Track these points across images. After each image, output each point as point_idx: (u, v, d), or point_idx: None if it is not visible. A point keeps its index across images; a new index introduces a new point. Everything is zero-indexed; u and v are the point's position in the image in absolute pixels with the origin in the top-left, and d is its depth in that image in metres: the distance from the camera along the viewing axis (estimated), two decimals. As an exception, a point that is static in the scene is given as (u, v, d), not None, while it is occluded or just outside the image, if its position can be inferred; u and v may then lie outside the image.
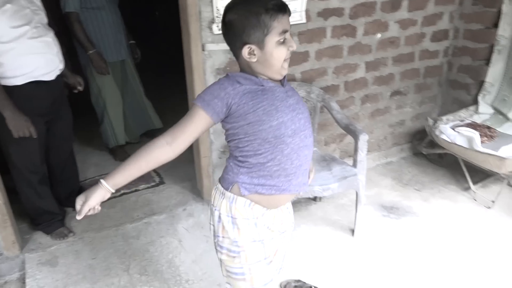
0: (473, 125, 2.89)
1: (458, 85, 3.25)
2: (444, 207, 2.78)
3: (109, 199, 1.30)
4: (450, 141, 2.74)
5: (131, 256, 2.32)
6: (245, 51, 1.22)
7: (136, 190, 2.90)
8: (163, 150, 1.22)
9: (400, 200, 2.88)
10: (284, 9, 1.20)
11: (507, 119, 2.91)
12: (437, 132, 2.86)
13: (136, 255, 2.32)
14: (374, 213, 2.75)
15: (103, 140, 3.43)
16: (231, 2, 1.23)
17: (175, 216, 2.61)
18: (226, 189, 1.34)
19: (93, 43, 3.02)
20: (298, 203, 2.84)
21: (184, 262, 2.27)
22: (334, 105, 2.63)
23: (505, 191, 2.81)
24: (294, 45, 1.25)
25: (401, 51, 3.01)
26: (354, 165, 2.40)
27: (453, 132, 2.76)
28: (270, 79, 1.28)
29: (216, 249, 1.43)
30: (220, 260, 1.43)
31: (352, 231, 2.54)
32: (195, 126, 1.23)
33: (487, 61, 3.01)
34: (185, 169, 3.15)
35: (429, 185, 3.03)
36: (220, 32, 2.31)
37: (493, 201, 2.72)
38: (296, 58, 2.63)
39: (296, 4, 2.47)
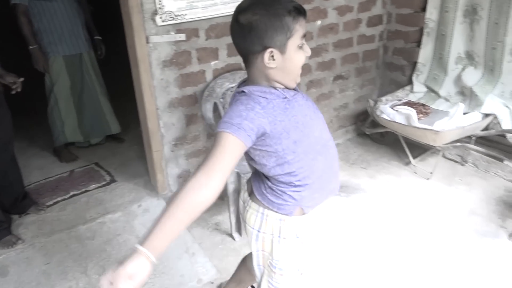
0: (410, 103, 3.10)
1: (394, 67, 3.46)
2: (388, 181, 2.97)
3: (57, 202, 1.14)
4: (390, 119, 2.92)
5: (87, 258, 2.26)
6: (266, 55, 1.13)
7: (86, 191, 2.81)
8: (200, 194, 1.01)
9: (349, 179, 3.03)
10: (304, 12, 1.15)
11: (439, 96, 3.15)
12: (378, 112, 3.03)
13: (93, 256, 2.27)
14: (326, 193, 2.87)
15: (53, 136, 3.24)
16: (243, 2, 1.15)
17: (130, 213, 2.57)
18: (288, 214, 1.26)
19: (37, 39, 2.95)
20: (253, 190, 2.90)
21: (144, 257, 2.25)
22: (281, 92, 2.70)
23: (441, 163, 3.06)
24: (309, 51, 1.19)
25: (340, 37, 3.15)
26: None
27: (392, 111, 2.94)
28: (286, 88, 1.21)
29: (267, 271, 1.39)
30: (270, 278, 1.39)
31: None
32: (229, 157, 1.06)
33: (418, 43, 3.23)
34: (136, 165, 3.10)
35: (374, 163, 3.22)
36: (165, 23, 2.31)
37: (431, 173, 2.95)
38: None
39: (238, -6, 2.50)
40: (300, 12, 1.13)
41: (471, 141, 2.93)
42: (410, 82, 3.33)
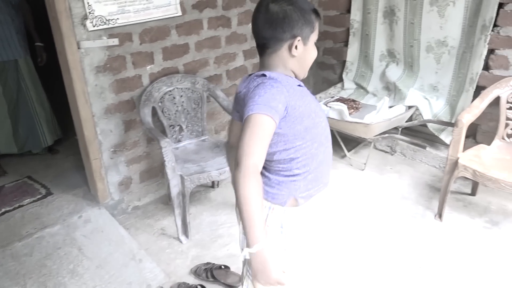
0: (341, 100, 3.29)
1: (325, 66, 3.65)
2: (326, 174, 3.12)
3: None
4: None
5: (25, 275, 2.14)
6: (294, 43, 1.19)
7: (20, 206, 2.65)
8: (258, 179, 1.08)
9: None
10: (320, 16, 1.27)
11: (367, 91, 3.37)
12: (313, 109, 3.18)
13: (32, 273, 2.16)
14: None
15: None
16: None
17: (70, 225, 2.48)
18: (281, 204, 1.27)
19: None
20: (197, 193, 2.92)
21: (88, 269, 2.18)
22: (220, 94, 2.75)
23: (373, 154, 3.27)
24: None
25: (273, 39, 3.26)
26: (245, 147, 2.55)
27: (325, 108, 3.10)
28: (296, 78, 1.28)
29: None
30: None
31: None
32: (268, 138, 1.11)
33: (346, 43, 3.44)
34: (74, 176, 2.98)
35: (312, 158, 3.36)
36: (96, 28, 2.26)
37: (364, 164, 3.15)
38: (177, 51, 2.67)
39: (170, -2, 2.51)
40: (317, 13, 1.25)
41: (398, 132, 3.17)
42: (341, 79, 3.53)
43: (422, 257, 2.26)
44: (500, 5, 2.52)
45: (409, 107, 3.03)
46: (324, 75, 3.69)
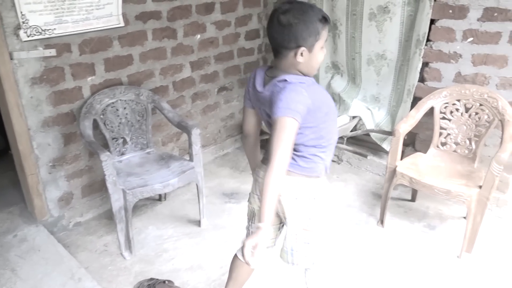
0: (289, 111, 3.34)
1: (274, 78, 3.70)
2: (275, 185, 3.15)
3: None
4: (272, 126, 3.11)
5: (-49, 301, 2.00)
6: (298, 52, 1.36)
7: None
8: (283, 175, 1.33)
9: (239, 186, 3.14)
10: (329, 21, 1.40)
11: (314, 102, 3.45)
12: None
13: (-42, 298, 2.02)
14: (217, 201, 2.95)
15: None
16: (285, 5, 1.36)
17: (4, 245, 2.34)
18: (317, 176, 1.54)
19: None
20: (143, 206, 2.85)
21: (22, 291, 2.07)
22: (165, 105, 2.72)
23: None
24: (325, 51, 1.45)
25: (221, 50, 3.28)
26: (191, 159, 2.53)
27: (273, 118, 3.14)
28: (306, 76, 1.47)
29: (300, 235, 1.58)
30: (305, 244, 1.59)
31: (199, 222, 2.68)
32: (293, 137, 1.34)
33: (293, 55, 3.51)
34: (10, 193, 2.83)
35: (262, 168, 3.38)
36: (31, 38, 2.18)
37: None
38: (120, 62, 2.62)
39: (111, 8, 2.46)
40: (326, 20, 1.39)
41: (343, 142, 3.27)
42: (288, 91, 3.59)
43: (365, 262, 2.33)
44: (432, 21, 2.67)
45: (353, 117, 3.13)
46: (272, 86, 3.74)
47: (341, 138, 3.19)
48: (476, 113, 2.52)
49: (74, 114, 2.49)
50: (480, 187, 2.27)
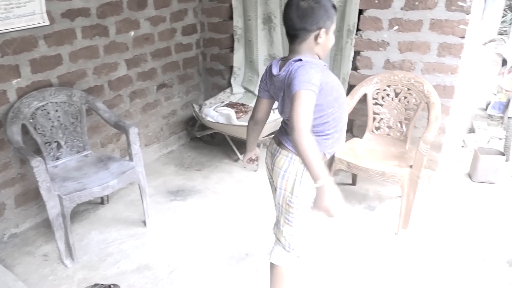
0: (231, 104, 3.36)
1: (214, 72, 3.70)
2: (222, 179, 3.16)
3: None
4: (214, 121, 3.11)
5: None
6: (320, 33, 1.50)
7: None
8: (310, 135, 1.40)
9: (184, 183, 3.12)
10: (336, 8, 1.56)
11: (255, 95, 3.48)
12: (203, 116, 3.20)
13: None
14: (163, 200, 2.91)
15: None
16: None
17: None
18: None
19: None
20: (85, 211, 2.75)
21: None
22: (100, 105, 2.63)
23: (263, 154, 3.37)
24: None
25: (157, 46, 3.21)
26: (131, 159, 2.47)
27: (215, 113, 3.14)
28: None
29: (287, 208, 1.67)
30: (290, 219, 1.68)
31: (144, 222, 2.63)
32: (312, 107, 1.44)
33: (232, 49, 3.52)
34: None
35: (207, 164, 3.38)
36: None
37: (257, 165, 3.24)
38: (47, 63, 2.49)
39: (34, 6, 2.33)
40: (335, 8, 1.55)
41: (285, 132, 3.32)
42: (229, 85, 3.61)
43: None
44: (360, 12, 2.78)
45: (293, 108, 3.19)
46: (214, 81, 3.73)
47: (283, 128, 3.25)
48: (405, 97, 2.67)
49: (0, 120, 2.35)
50: (411, 166, 2.42)
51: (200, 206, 2.83)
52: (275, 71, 1.59)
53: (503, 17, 6.93)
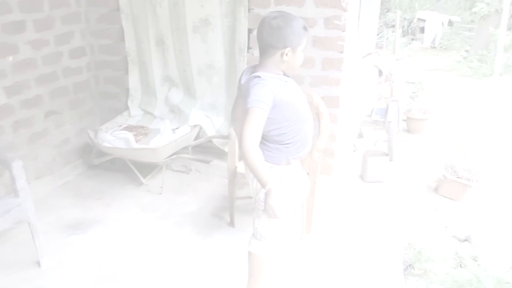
0: (130, 127, 3.26)
1: (109, 95, 3.55)
2: (124, 205, 3.03)
3: None
4: (111, 146, 2.99)
5: None
6: (285, 51, 1.66)
7: None
8: (257, 148, 1.62)
9: (83, 215, 2.92)
10: (307, 30, 1.72)
11: (154, 116, 3.43)
12: (99, 141, 3.05)
13: None
14: (59, 235, 2.69)
15: None
16: (274, 13, 1.67)
17: None
18: (278, 164, 1.81)
19: None
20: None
21: None
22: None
23: (169, 176, 3.33)
24: (303, 55, 1.76)
25: (41, 71, 3.00)
26: (17, 195, 2.26)
27: (112, 138, 3.02)
28: (285, 75, 1.76)
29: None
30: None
31: (39, 263, 2.40)
32: (262, 124, 1.62)
33: (126, 70, 3.42)
34: None
35: (108, 191, 3.21)
36: None
37: (161, 187, 3.17)
38: None
39: None
40: (306, 29, 1.71)
41: (189, 151, 3.31)
42: (127, 107, 3.49)
43: (216, 263, 2.41)
44: (250, 30, 2.92)
45: (194, 126, 3.20)
46: (109, 105, 3.58)
47: (185, 148, 3.23)
48: (297, 110, 2.84)
49: None
50: (308, 174, 2.56)
51: (102, 237, 2.67)
52: (243, 80, 1.78)
53: (379, 33, 7.79)
